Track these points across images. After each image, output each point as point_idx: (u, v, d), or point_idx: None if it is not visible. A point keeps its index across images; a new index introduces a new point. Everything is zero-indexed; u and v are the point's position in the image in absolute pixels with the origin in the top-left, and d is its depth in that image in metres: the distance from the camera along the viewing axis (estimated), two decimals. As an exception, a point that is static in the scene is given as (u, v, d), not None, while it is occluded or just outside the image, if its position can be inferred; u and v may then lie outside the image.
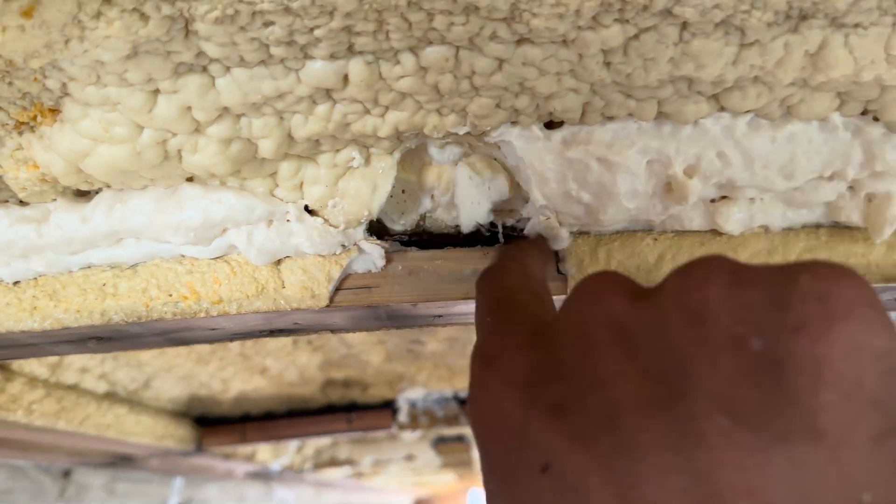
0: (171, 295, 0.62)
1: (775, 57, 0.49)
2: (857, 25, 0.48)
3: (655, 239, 0.62)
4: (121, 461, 1.72)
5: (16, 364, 1.03)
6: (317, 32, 0.45)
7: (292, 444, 2.24)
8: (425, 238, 0.68)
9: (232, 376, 1.37)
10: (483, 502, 0.35)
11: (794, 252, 0.61)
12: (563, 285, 0.63)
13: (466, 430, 2.60)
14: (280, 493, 3.43)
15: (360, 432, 1.71)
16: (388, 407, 1.73)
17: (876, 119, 0.57)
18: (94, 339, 0.67)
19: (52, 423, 1.12)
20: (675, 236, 0.62)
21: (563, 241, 0.62)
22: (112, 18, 0.41)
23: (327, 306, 0.63)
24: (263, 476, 2.60)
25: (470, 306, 0.66)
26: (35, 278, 0.63)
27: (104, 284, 0.62)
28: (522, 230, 0.65)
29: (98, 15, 0.41)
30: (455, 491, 9.83)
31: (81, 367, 1.14)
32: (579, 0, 0.43)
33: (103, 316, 0.62)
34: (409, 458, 2.66)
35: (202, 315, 0.62)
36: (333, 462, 2.59)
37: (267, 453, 2.14)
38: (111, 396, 1.29)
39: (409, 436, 2.21)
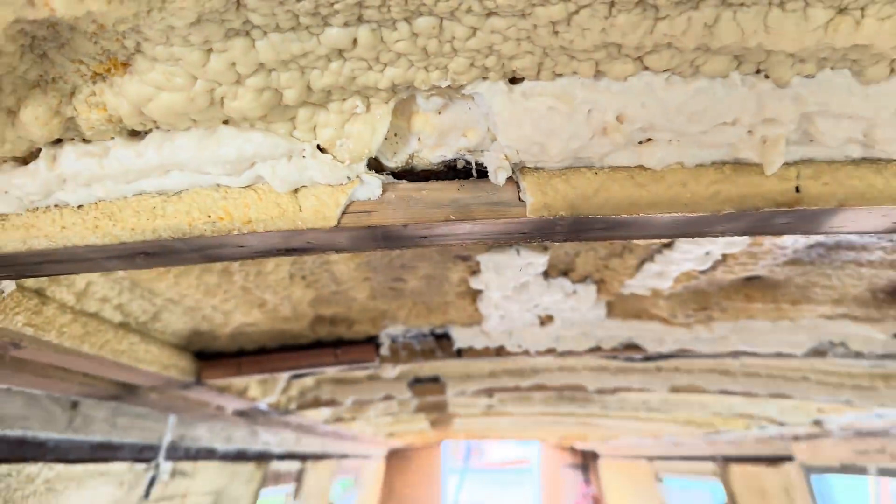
0: (209, 216, 0.76)
1: (681, 28, 0.64)
2: (742, 4, 0.64)
3: (595, 173, 0.78)
4: (124, 393, 1.86)
5: (49, 290, 1.16)
6: (336, 6, 0.60)
7: (280, 384, 2.40)
8: (413, 173, 0.84)
9: (233, 308, 1.51)
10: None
11: (704, 182, 0.78)
12: (523, 209, 0.79)
13: (442, 371, 2.78)
14: (264, 436, 3.62)
15: (346, 365, 1.88)
16: (372, 342, 1.90)
17: (767, 77, 0.73)
18: (143, 254, 0.81)
19: (77, 346, 1.26)
20: (610, 171, 0.78)
21: (504, 176, 0.78)
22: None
23: (335, 227, 0.78)
24: (250, 416, 2.77)
25: (449, 228, 0.82)
26: (96, 203, 0.78)
27: (154, 207, 0.77)
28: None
29: (176, -9, 0.55)
30: (429, 443, 10.15)
31: (102, 296, 1.28)
32: (533, -15, 0.58)
33: (154, 233, 0.77)
34: (388, 398, 2.84)
35: (235, 232, 0.77)
36: (317, 402, 2.77)
37: (257, 390, 2.30)
38: (125, 326, 1.43)
39: (388, 373, 2.38)
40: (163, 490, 2.61)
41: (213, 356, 1.84)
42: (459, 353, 1.90)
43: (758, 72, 0.73)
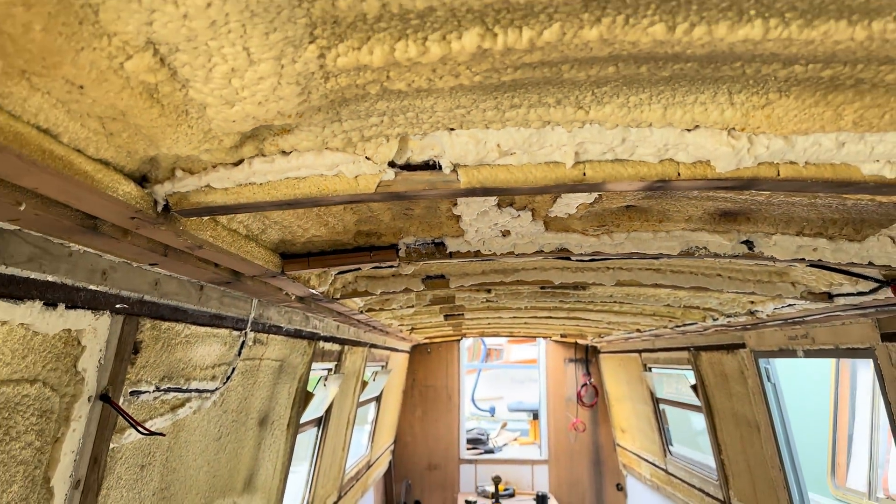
0: (318, 188, 1.72)
1: (514, 114, 1.57)
2: (538, 107, 1.56)
3: (491, 168, 1.72)
4: (232, 279, 2.88)
5: (218, 218, 2.14)
6: (376, 112, 1.53)
7: (330, 277, 3.42)
8: (410, 166, 1.78)
9: (310, 226, 2.48)
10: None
11: (541, 171, 1.71)
12: (459, 185, 1.73)
13: (445, 270, 3.78)
14: (313, 322, 4.70)
15: (377, 263, 2.87)
16: (393, 248, 2.88)
17: (562, 127, 1.65)
18: (288, 204, 1.78)
19: (227, 247, 2.25)
20: (497, 167, 1.71)
21: (449, 169, 1.72)
22: (315, 116, 1.50)
23: (373, 192, 1.74)
24: (307, 302, 3.80)
25: (426, 192, 1.77)
26: (268, 182, 1.74)
27: (294, 184, 1.73)
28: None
29: (314, 114, 1.49)
30: (448, 340, 11.42)
31: (240, 220, 2.26)
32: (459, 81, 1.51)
33: (294, 196, 1.73)
34: (407, 290, 3.86)
35: (329, 195, 1.73)
36: (355, 292, 3.79)
37: (315, 281, 3.31)
38: (247, 236, 2.41)
39: (406, 269, 3.38)
40: (248, 352, 3.69)
41: (290, 256, 2.84)
42: (451, 255, 2.88)
43: (558, 125, 1.65)
